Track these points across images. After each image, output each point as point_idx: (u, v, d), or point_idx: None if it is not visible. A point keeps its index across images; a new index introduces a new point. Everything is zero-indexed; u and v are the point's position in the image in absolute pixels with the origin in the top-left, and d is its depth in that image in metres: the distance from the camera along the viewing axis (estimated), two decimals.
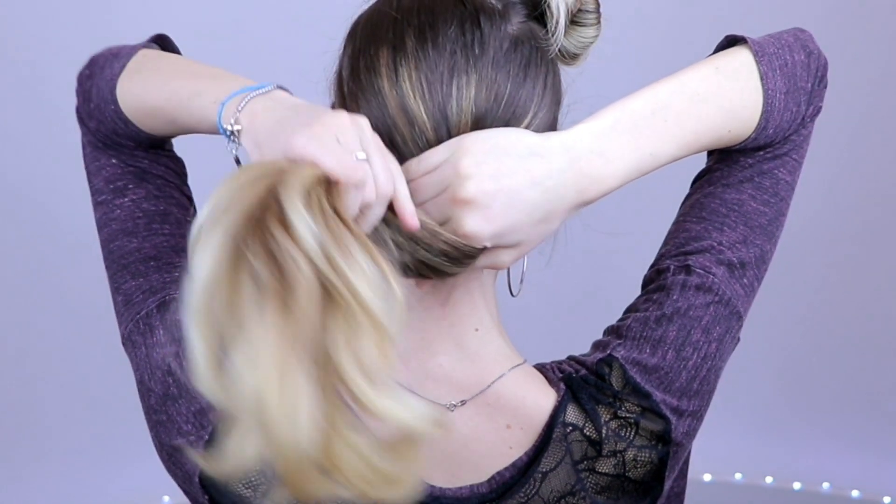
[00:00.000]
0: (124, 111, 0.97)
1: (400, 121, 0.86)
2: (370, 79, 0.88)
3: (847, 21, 2.46)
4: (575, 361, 0.97)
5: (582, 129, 0.89)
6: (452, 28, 0.87)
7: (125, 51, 1.01)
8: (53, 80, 2.45)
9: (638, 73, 2.59)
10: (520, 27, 0.90)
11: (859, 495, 2.66)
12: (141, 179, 1.00)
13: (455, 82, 0.86)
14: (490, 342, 0.94)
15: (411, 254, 0.84)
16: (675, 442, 0.94)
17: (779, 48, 0.97)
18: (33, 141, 2.42)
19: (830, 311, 2.64)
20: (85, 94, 1.02)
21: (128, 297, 0.97)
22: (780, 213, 0.99)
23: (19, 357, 2.55)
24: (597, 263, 2.36)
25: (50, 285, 2.51)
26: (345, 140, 0.79)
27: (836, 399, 2.68)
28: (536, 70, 0.89)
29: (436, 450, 0.92)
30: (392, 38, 0.88)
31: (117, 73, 0.98)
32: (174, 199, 1.01)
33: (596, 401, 0.93)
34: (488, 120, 0.87)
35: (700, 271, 0.96)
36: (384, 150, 0.83)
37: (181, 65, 0.97)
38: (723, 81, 0.93)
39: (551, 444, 0.92)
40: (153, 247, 0.98)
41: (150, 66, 0.98)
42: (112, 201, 1.00)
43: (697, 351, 0.95)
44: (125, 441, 2.23)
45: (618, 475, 0.93)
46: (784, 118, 0.96)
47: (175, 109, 0.93)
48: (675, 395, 0.94)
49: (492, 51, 0.87)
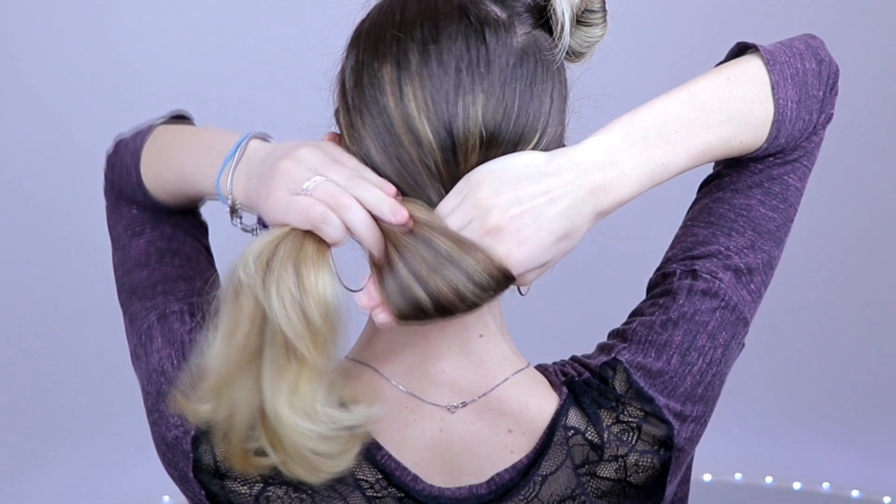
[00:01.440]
0: (147, 187, 1.05)
1: (406, 139, 0.86)
2: (374, 95, 0.87)
3: (847, 21, 2.46)
4: (578, 363, 0.97)
5: (591, 142, 0.88)
6: (457, 44, 0.86)
7: (145, 128, 1.09)
8: (53, 79, 2.45)
9: (641, 67, 2.59)
10: (525, 38, 0.88)
11: (859, 495, 2.66)
12: (158, 222, 1.06)
13: (461, 102, 0.85)
14: (494, 347, 0.94)
15: (442, 276, 0.82)
16: (678, 447, 0.94)
17: (790, 56, 0.96)
18: (33, 140, 2.42)
19: (830, 311, 2.64)
20: (111, 166, 1.10)
21: (133, 316, 1.01)
22: (788, 218, 0.99)
23: (19, 357, 2.55)
24: (603, 266, 2.36)
25: (50, 287, 2.51)
26: (292, 187, 0.84)
27: (836, 399, 2.68)
28: (543, 85, 0.88)
29: (436, 451, 0.92)
30: (396, 53, 0.87)
31: (140, 147, 1.06)
32: (188, 242, 1.06)
33: (598, 405, 0.93)
34: (498, 139, 0.86)
35: (706, 276, 0.96)
36: (337, 165, 0.85)
37: (185, 140, 1.03)
38: (734, 92, 0.93)
39: (552, 447, 0.92)
40: (161, 274, 1.02)
41: (159, 146, 1.05)
42: (129, 243, 1.06)
43: (703, 356, 0.95)
44: (125, 441, 2.23)
45: (619, 480, 0.93)
46: (796, 127, 0.96)
47: (186, 187, 1.00)
48: (679, 400, 0.94)
49: (498, 68, 0.86)
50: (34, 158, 2.44)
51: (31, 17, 2.39)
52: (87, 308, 2.34)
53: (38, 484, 2.56)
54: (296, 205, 0.83)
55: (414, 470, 0.92)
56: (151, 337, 0.98)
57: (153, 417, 0.96)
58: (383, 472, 0.91)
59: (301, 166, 0.85)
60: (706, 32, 2.47)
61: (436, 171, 0.86)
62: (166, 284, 1.01)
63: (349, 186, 0.84)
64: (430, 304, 0.82)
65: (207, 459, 0.92)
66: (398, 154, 0.86)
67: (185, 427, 0.93)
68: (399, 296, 0.82)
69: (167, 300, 0.99)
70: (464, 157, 0.86)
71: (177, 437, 0.93)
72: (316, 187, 0.83)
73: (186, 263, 1.04)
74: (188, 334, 0.96)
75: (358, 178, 0.84)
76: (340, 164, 0.85)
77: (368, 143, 0.87)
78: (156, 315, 0.99)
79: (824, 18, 2.43)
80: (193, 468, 0.92)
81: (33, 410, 2.57)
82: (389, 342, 0.93)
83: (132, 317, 1.01)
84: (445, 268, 0.82)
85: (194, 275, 1.03)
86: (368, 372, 0.93)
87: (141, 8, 2.43)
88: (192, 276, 1.03)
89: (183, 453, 0.93)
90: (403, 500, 0.91)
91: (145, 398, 0.97)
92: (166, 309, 0.98)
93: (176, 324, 0.97)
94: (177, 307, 0.98)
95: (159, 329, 0.98)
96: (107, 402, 2.46)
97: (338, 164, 0.85)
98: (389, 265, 0.83)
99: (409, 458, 0.92)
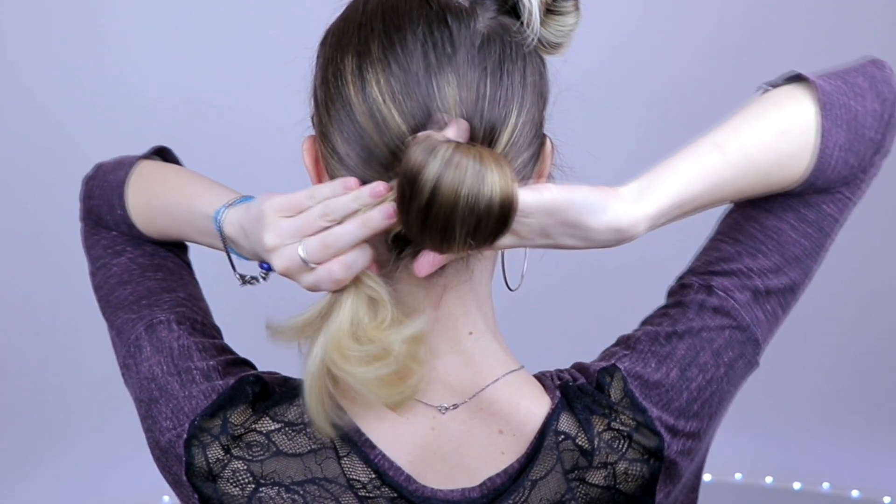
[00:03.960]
0: (132, 217, 1.06)
1: (369, 127, 0.85)
2: (338, 88, 0.87)
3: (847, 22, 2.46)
4: (577, 369, 0.97)
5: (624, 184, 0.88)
6: (420, 28, 0.85)
7: (129, 160, 1.10)
8: (49, 80, 2.46)
9: (626, 58, 2.58)
10: (490, 23, 0.87)
11: (859, 495, 2.67)
12: (138, 244, 1.08)
13: (434, 80, 0.84)
14: (485, 346, 0.94)
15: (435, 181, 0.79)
16: (668, 459, 0.93)
17: (849, 98, 0.93)
18: (32, 142, 2.43)
19: (830, 311, 2.64)
20: (88, 192, 1.12)
21: (120, 329, 1.02)
22: (819, 246, 0.96)
23: (19, 357, 2.55)
24: (622, 271, 2.37)
25: (50, 287, 2.52)
26: (264, 249, 0.86)
27: (836, 399, 2.68)
28: (512, 65, 0.87)
29: (428, 450, 0.92)
30: (357, 45, 0.87)
31: (122, 181, 1.07)
32: (170, 257, 1.08)
33: (590, 411, 0.93)
34: (475, 123, 0.84)
35: (721, 293, 0.95)
36: (289, 206, 0.85)
37: (169, 182, 1.05)
38: (782, 147, 0.91)
39: (542, 451, 0.92)
40: (145, 289, 1.03)
41: (146, 190, 1.06)
42: (110, 262, 1.07)
43: (703, 373, 0.94)
44: (125, 441, 2.23)
45: (608, 487, 0.92)
46: (838, 172, 0.93)
47: (180, 234, 1.04)
48: (673, 414, 0.93)
49: (464, 49, 0.85)
50: (33, 159, 2.44)
51: (27, 20, 2.40)
52: (86, 308, 2.33)
53: (38, 484, 2.57)
54: (278, 257, 0.85)
55: (407, 469, 0.92)
56: (140, 347, 0.98)
57: (147, 423, 0.96)
58: (377, 472, 0.91)
59: (258, 229, 0.86)
60: (687, 17, 2.47)
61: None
62: (151, 298, 1.02)
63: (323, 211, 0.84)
64: (430, 191, 0.79)
65: (200, 462, 0.92)
66: (361, 142, 0.86)
67: (177, 431, 0.93)
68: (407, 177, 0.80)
69: (152, 312, 1.00)
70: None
71: (170, 441, 0.93)
72: (308, 255, 0.84)
73: (169, 277, 1.05)
74: (176, 341, 0.97)
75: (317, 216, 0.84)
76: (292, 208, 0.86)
77: (335, 136, 0.87)
78: (143, 326, 0.99)
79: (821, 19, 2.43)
80: (186, 471, 0.92)
81: (33, 410, 2.58)
82: None
83: (119, 330, 1.02)
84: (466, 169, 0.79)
85: (178, 287, 1.04)
86: None
87: (137, 9, 2.44)
88: (176, 288, 1.04)
89: (176, 457, 0.93)
90: (396, 501, 0.91)
91: (139, 406, 0.98)
92: (153, 319, 0.99)
93: (164, 332, 0.98)
94: (163, 317, 0.99)
95: (147, 339, 0.98)
96: (107, 402, 2.46)
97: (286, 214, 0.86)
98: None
99: (403, 458, 0.92)
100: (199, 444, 0.92)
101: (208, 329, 1.01)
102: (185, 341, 0.97)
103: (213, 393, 0.94)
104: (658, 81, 2.55)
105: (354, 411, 0.92)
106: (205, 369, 0.95)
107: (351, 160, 0.86)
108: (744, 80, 2.94)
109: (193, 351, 0.97)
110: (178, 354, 0.96)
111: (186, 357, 0.96)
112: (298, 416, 0.92)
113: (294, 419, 0.92)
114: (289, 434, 0.92)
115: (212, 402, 0.93)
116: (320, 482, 0.91)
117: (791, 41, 2.50)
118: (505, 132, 0.86)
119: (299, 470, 0.91)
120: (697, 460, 0.98)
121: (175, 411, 0.94)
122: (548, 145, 0.92)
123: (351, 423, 0.91)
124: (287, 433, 0.92)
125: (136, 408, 0.98)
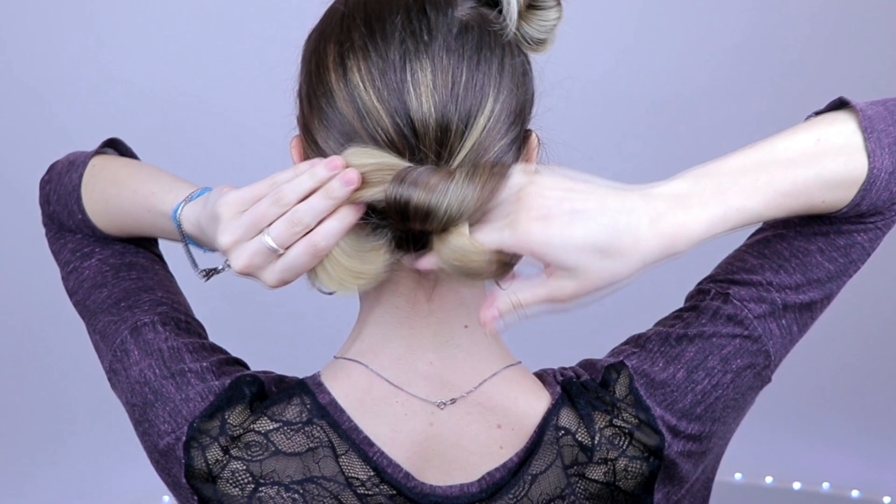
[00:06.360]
0: (92, 220, 1.05)
1: (349, 113, 0.85)
2: (320, 76, 0.87)
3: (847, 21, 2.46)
4: (584, 365, 0.97)
5: (664, 182, 0.86)
6: (399, 17, 0.86)
7: (80, 158, 1.08)
8: (49, 78, 2.46)
9: (628, 60, 2.58)
10: (469, 13, 0.88)
11: (859, 495, 2.67)
12: (106, 244, 1.07)
13: (409, 68, 0.85)
14: (481, 340, 0.94)
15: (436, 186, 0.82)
16: (668, 459, 0.93)
17: (889, 124, 0.92)
18: (31, 140, 2.43)
19: (830, 311, 2.63)
20: (45, 198, 1.10)
21: (103, 332, 1.01)
22: (843, 272, 0.96)
23: (20, 358, 2.55)
24: None
25: (49, 286, 2.51)
26: (220, 250, 0.85)
27: (836, 399, 2.68)
28: (490, 53, 0.87)
29: (426, 446, 0.92)
30: (339, 34, 0.88)
31: (77, 184, 1.06)
32: (140, 253, 1.07)
33: (593, 407, 0.93)
34: (450, 108, 0.85)
35: (737, 302, 0.95)
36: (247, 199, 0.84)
37: (121, 181, 1.04)
38: (823, 155, 0.89)
39: (542, 446, 0.92)
40: (122, 290, 1.03)
41: (100, 184, 1.05)
42: (80, 265, 1.06)
43: (710, 377, 0.94)
44: (125, 441, 2.23)
45: (608, 483, 0.92)
46: (881, 197, 0.93)
47: (140, 230, 1.03)
48: (676, 414, 0.93)
49: (441, 36, 0.86)
50: (32, 159, 2.44)
51: (22, 16, 2.40)
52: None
53: (38, 484, 2.57)
54: (243, 253, 0.84)
55: (405, 466, 0.92)
56: (127, 351, 0.98)
57: (143, 428, 0.96)
58: (375, 469, 0.91)
59: (214, 225, 0.86)
60: (688, 19, 2.47)
61: (386, 139, 0.85)
62: (129, 300, 1.01)
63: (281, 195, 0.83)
64: (402, 199, 0.81)
65: (199, 463, 0.92)
66: (341, 128, 0.86)
67: (176, 434, 0.93)
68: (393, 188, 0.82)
69: (134, 314, 1.00)
70: (422, 125, 0.85)
71: (169, 444, 0.93)
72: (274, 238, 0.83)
73: (144, 275, 1.04)
74: (164, 343, 0.97)
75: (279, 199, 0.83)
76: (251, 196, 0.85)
77: (315, 127, 0.88)
78: (127, 329, 0.99)
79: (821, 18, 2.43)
80: (186, 473, 0.92)
81: (33, 410, 2.58)
82: (376, 337, 0.94)
83: (102, 333, 1.01)
84: (445, 182, 0.82)
85: (154, 285, 1.03)
86: (358, 368, 0.94)
87: (132, 5, 2.44)
88: (153, 286, 1.03)
89: (175, 459, 0.93)
90: (395, 498, 0.91)
91: (131, 411, 0.97)
92: (136, 322, 0.99)
93: (150, 335, 0.98)
94: (147, 318, 0.99)
95: (133, 342, 0.98)
96: (107, 402, 2.44)
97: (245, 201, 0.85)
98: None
99: (401, 454, 0.92)
100: (198, 445, 0.92)
101: (193, 327, 1.01)
102: (174, 342, 0.97)
103: (209, 394, 0.94)
104: (658, 81, 2.55)
105: (353, 409, 0.92)
106: (198, 370, 0.95)
107: (329, 148, 0.87)
108: (744, 80, 2.95)
109: (184, 352, 0.96)
110: (169, 357, 0.96)
111: (178, 359, 0.96)
112: (296, 416, 0.92)
113: (292, 418, 0.92)
114: (287, 433, 0.92)
115: (209, 403, 0.93)
116: (319, 481, 0.91)
117: (791, 40, 2.50)
118: (482, 116, 0.86)
119: (298, 469, 0.91)
120: (705, 468, 0.98)
121: (172, 414, 0.94)
122: (533, 139, 0.92)
123: (349, 421, 0.92)
124: (285, 432, 0.92)
125: (128, 412, 0.98)
